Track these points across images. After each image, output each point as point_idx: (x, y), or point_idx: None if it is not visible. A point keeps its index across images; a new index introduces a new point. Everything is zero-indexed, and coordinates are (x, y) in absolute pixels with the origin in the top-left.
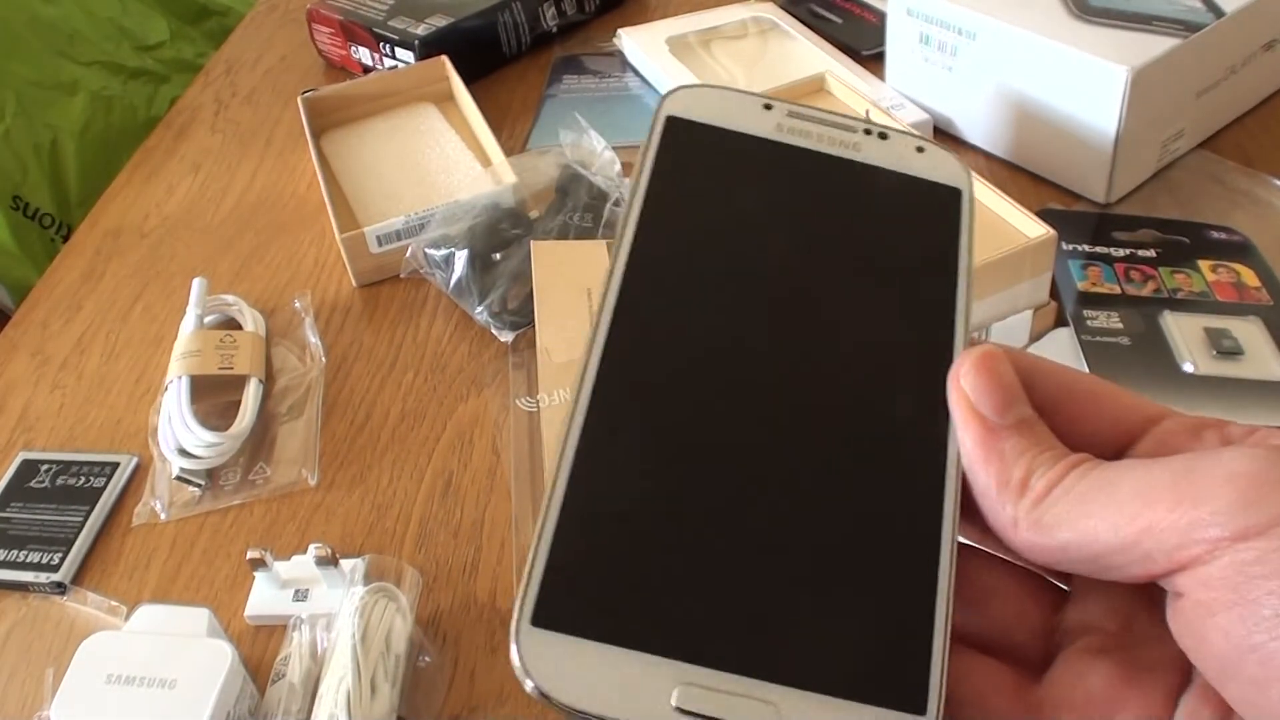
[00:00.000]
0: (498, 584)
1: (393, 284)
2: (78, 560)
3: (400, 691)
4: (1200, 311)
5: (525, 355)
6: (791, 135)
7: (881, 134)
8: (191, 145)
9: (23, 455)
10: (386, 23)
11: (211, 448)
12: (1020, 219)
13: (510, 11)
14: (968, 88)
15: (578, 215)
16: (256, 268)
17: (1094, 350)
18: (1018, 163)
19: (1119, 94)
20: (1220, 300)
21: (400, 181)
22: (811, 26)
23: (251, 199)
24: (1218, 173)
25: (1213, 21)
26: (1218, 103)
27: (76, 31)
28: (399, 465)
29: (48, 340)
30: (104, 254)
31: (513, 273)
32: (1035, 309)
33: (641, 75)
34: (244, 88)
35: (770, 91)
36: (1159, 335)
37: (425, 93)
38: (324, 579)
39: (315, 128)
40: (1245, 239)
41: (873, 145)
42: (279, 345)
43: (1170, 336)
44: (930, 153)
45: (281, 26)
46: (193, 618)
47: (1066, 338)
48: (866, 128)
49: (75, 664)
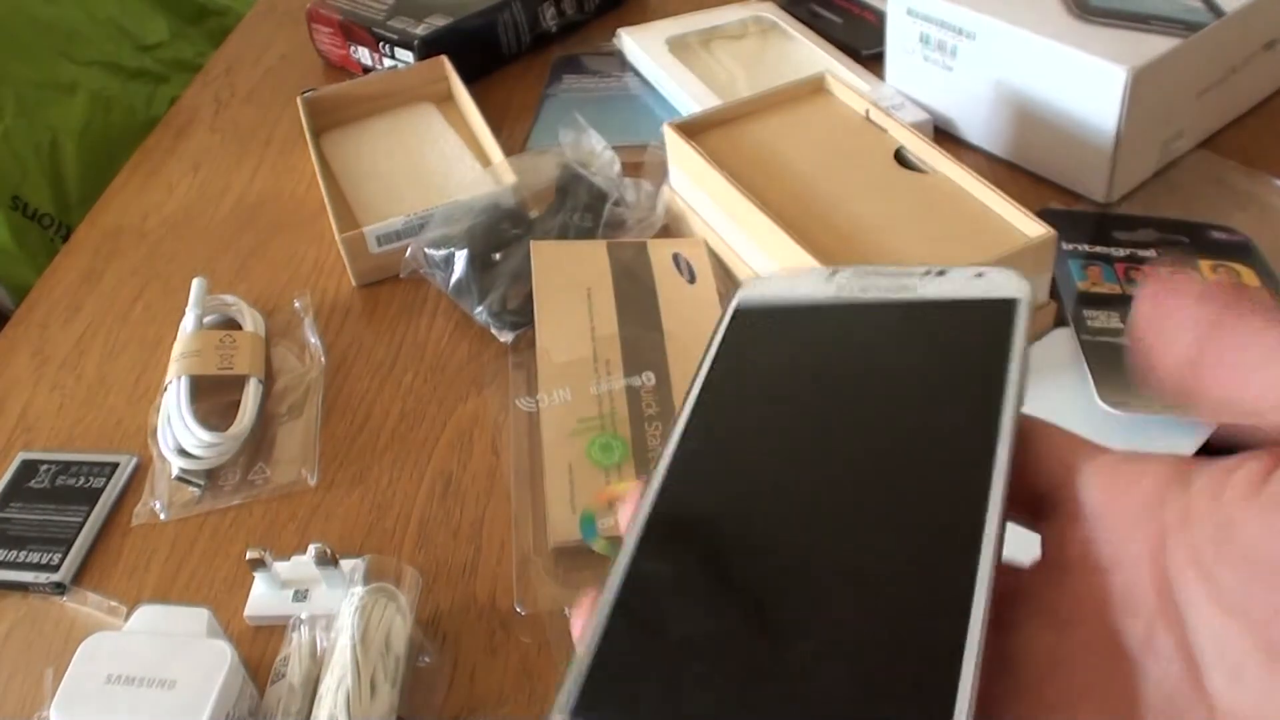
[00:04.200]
0: (497, 584)
1: (393, 284)
2: (77, 560)
3: (400, 692)
4: None
5: (525, 355)
6: (851, 293)
7: (940, 272)
8: (191, 145)
9: (22, 455)
10: (386, 23)
11: (211, 448)
12: (1020, 219)
13: (510, 11)
14: (968, 87)
15: (577, 215)
16: (256, 268)
17: (1093, 350)
18: (1018, 162)
19: (1119, 94)
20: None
21: (400, 181)
22: (811, 26)
23: (251, 199)
24: (1218, 173)
25: (1213, 21)
26: (1218, 103)
27: (76, 31)
28: (399, 465)
29: (47, 340)
30: (104, 254)
31: (513, 273)
32: (1035, 309)
33: (641, 75)
34: (244, 87)
35: (770, 91)
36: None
37: (425, 93)
38: (324, 579)
39: (315, 128)
40: (1245, 239)
41: (930, 284)
42: (279, 345)
43: None
44: (989, 275)
45: (281, 26)
46: (192, 618)
47: (1066, 338)
48: (926, 270)
49: (75, 664)
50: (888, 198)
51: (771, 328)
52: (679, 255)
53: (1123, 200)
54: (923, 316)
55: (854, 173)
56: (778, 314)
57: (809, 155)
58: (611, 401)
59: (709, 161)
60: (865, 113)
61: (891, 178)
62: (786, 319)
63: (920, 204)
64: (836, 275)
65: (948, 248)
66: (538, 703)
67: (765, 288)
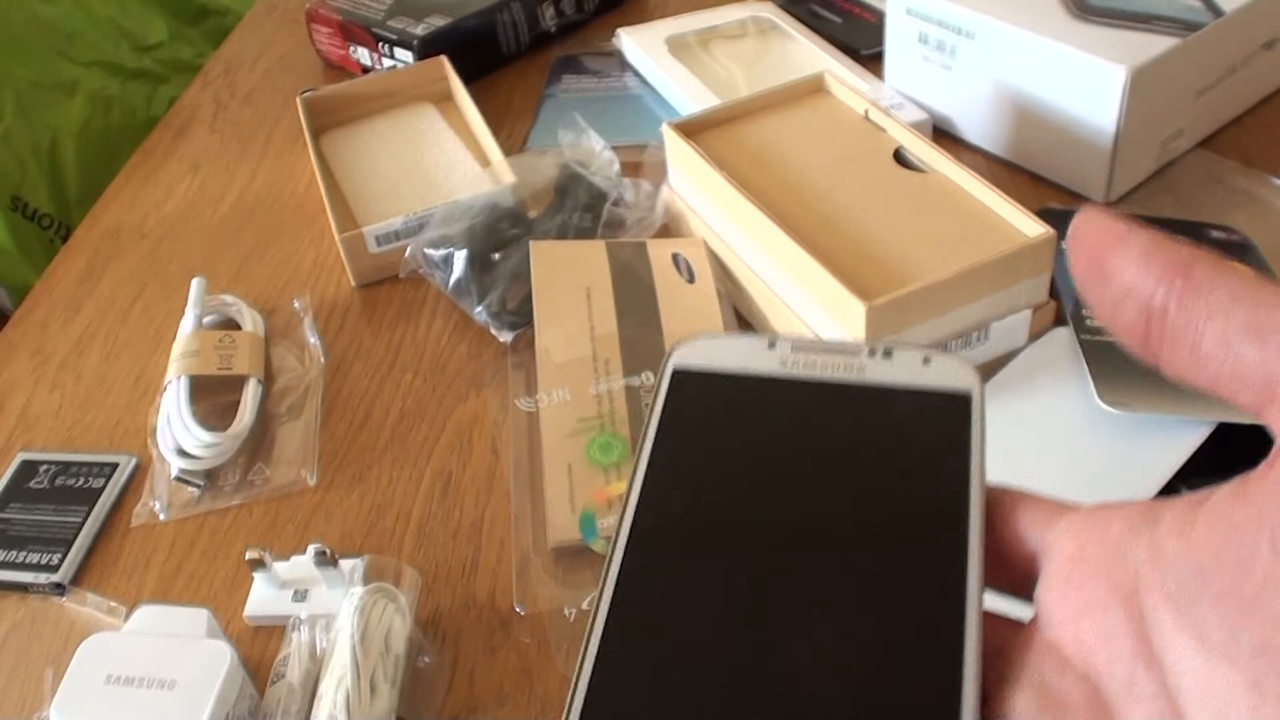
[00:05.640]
0: (497, 584)
1: (392, 284)
2: (77, 561)
3: (400, 692)
4: None
5: (524, 355)
6: (796, 369)
7: (886, 352)
8: (191, 145)
9: (22, 456)
10: (385, 23)
11: (210, 448)
12: (1020, 219)
13: (509, 11)
14: (967, 87)
15: (577, 215)
16: (256, 268)
17: (1093, 350)
18: (1017, 162)
19: (1118, 93)
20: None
21: (399, 181)
22: (811, 26)
23: (251, 199)
24: (1217, 172)
25: (1212, 21)
26: (1217, 102)
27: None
28: (398, 465)
29: (47, 340)
30: (103, 254)
31: (512, 273)
32: (1035, 308)
33: (641, 75)
34: (243, 88)
35: (769, 91)
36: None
37: (424, 93)
38: (323, 579)
39: (314, 128)
40: (1245, 238)
41: (878, 365)
42: (278, 345)
43: None
44: (936, 362)
45: (281, 26)
46: (192, 618)
47: (1065, 337)
48: (871, 349)
49: (75, 664)
50: (887, 197)
51: (719, 399)
52: (678, 255)
53: (1122, 200)
54: (877, 402)
55: (853, 172)
56: (723, 383)
57: (808, 155)
58: (611, 401)
59: (708, 161)
60: (864, 112)
61: (891, 177)
62: (733, 390)
63: (919, 204)
64: (777, 345)
65: (947, 248)
66: (537, 703)
67: (703, 353)
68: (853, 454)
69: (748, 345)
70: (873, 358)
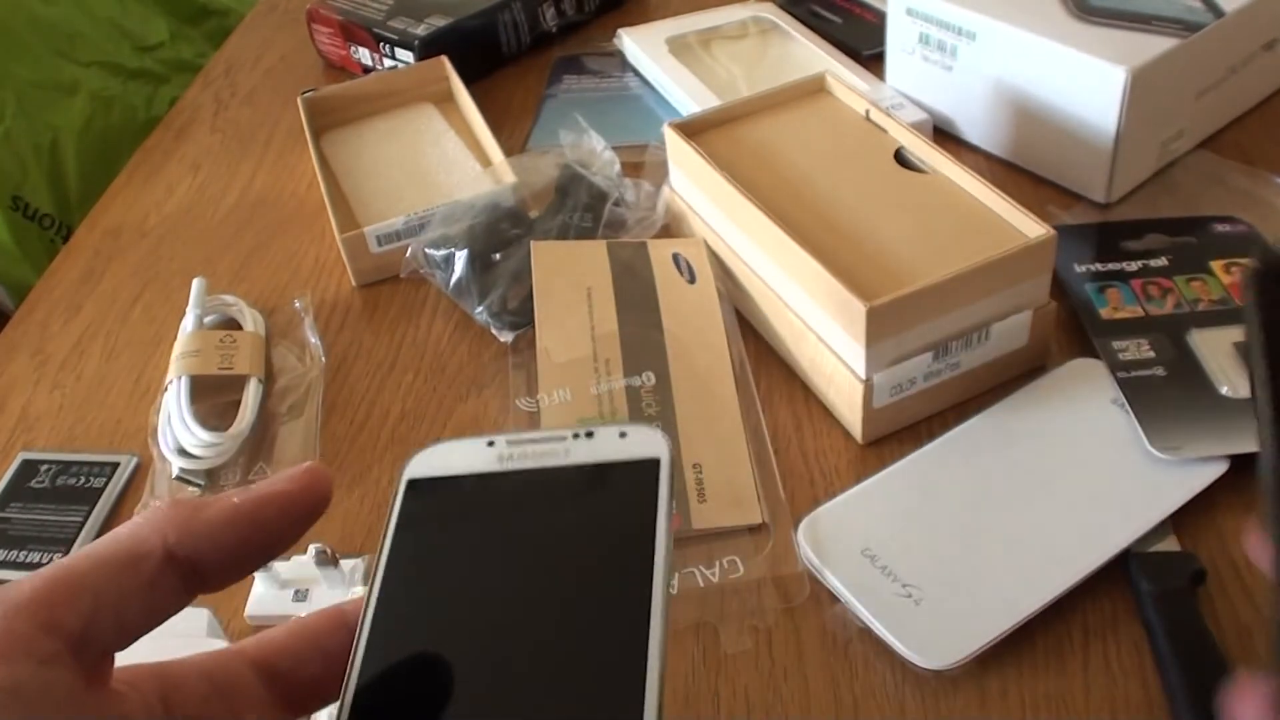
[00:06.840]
0: None
1: (393, 284)
2: None
3: None
4: (1224, 323)
5: (525, 355)
6: (512, 462)
7: (589, 434)
8: (191, 145)
9: (23, 455)
10: (386, 23)
11: (211, 448)
12: (1020, 219)
13: (510, 11)
14: (967, 88)
15: (577, 215)
16: (256, 268)
17: (1134, 390)
18: (1017, 162)
19: (1118, 94)
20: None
21: (400, 181)
22: (811, 26)
23: (251, 199)
24: (1218, 172)
25: (1212, 21)
26: (1218, 103)
27: (76, 32)
28: (399, 465)
29: (47, 340)
30: (104, 254)
31: (513, 273)
32: (1035, 309)
33: (641, 75)
34: (244, 88)
35: (770, 91)
36: (1191, 358)
37: (425, 93)
38: (324, 579)
39: (315, 128)
40: (1250, 227)
41: (581, 447)
42: (279, 345)
43: (1202, 358)
44: (632, 434)
45: (281, 27)
46: (192, 618)
47: (1096, 371)
48: (575, 432)
49: None
50: (887, 198)
51: (443, 501)
52: (679, 255)
53: (1123, 201)
54: (580, 480)
55: (854, 173)
56: (448, 486)
57: (809, 155)
58: (612, 401)
59: (709, 161)
60: (865, 113)
61: (891, 178)
62: (456, 491)
63: (920, 204)
64: (495, 444)
65: (948, 248)
66: None
67: (431, 460)
68: (557, 531)
69: (470, 447)
70: (577, 440)
